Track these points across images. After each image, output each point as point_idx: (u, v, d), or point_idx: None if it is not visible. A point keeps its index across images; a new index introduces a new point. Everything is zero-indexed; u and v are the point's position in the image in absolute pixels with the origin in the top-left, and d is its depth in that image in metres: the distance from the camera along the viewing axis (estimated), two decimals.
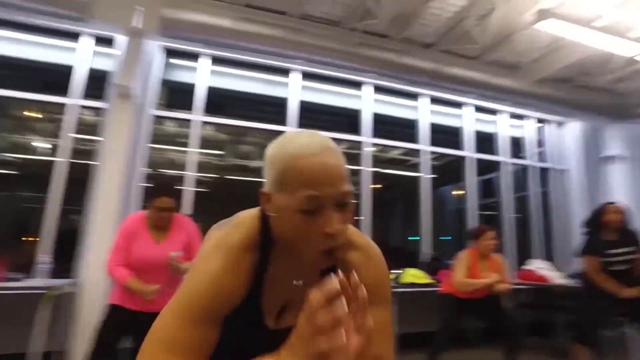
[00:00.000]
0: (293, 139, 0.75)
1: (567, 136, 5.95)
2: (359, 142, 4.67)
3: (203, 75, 4.13)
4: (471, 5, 3.77)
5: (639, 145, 5.91)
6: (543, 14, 3.20)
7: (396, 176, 5.67)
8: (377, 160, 4.96)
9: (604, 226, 3.01)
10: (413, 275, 3.67)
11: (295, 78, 4.48)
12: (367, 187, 4.56)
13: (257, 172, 5.49)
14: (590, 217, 3.15)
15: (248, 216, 0.82)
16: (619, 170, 5.76)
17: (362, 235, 0.88)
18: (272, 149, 0.78)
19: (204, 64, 4.15)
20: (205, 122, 4.10)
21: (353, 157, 4.87)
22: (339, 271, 0.61)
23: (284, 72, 4.48)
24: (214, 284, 0.74)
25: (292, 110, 4.40)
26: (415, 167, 5.05)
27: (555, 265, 4.88)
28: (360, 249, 0.84)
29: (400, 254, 5.08)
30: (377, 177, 4.78)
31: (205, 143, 4.38)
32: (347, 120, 4.89)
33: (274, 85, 4.53)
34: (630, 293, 2.85)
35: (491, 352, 3.74)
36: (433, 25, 4.13)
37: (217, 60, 4.22)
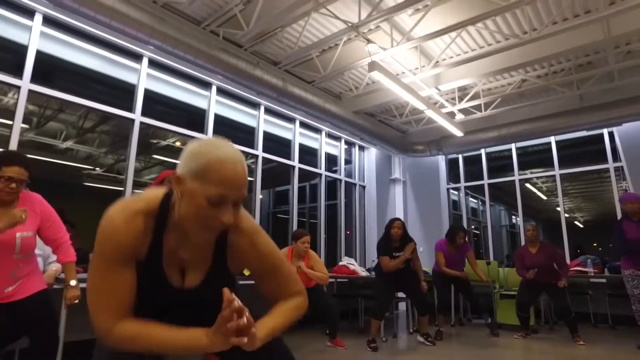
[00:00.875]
0: (220, 145, 0.95)
1: (367, 158, 7.53)
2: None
3: (33, 35, 3.61)
4: (321, 42, 4.56)
5: (412, 172, 7.98)
6: (372, 66, 4.21)
7: None
8: None
9: (391, 236, 4.16)
10: None
11: (144, 64, 4.37)
12: None
13: (63, 154, 5.00)
14: (385, 228, 4.28)
15: (153, 192, 1.04)
16: (400, 190, 7.68)
17: (248, 218, 1.11)
18: (200, 146, 0.96)
19: (37, 24, 3.63)
20: (30, 91, 3.58)
21: None
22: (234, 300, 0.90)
23: (134, 56, 4.33)
24: (119, 233, 0.96)
25: (138, 96, 4.28)
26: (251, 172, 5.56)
27: (358, 262, 6.19)
28: (245, 233, 1.09)
29: None
30: None
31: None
32: (187, 116, 5.01)
33: (119, 67, 4.31)
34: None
35: (314, 333, 4.54)
36: (286, 48, 4.75)
37: (57, 25, 3.77)
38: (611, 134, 6.18)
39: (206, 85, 5.03)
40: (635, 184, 5.67)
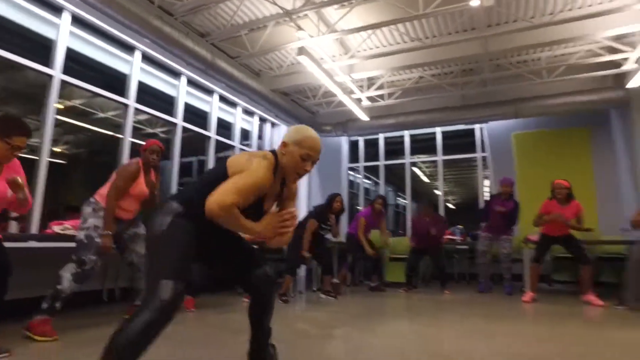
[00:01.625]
0: (309, 129, 1.75)
1: (278, 135, 8.05)
2: (126, 105, 4.90)
3: None
4: (252, 22, 4.92)
5: (325, 153, 8.70)
6: (301, 51, 4.74)
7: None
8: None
9: (332, 208, 4.84)
10: None
11: (65, 19, 4.25)
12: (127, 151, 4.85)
13: None
14: (328, 200, 4.96)
15: (269, 153, 1.69)
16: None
17: None
18: (299, 127, 1.75)
19: None
20: None
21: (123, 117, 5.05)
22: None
23: (54, 8, 4.19)
24: (262, 183, 1.58)
25: (57, 52, 4.17)
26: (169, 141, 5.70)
27: None
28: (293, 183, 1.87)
29: None
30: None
31: None
32: (106, 79, 4.98)
33: (38, 20, 4.14)
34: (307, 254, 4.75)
35: (228, 292, 5.00)
36: (218, 23, 5.01)
37: None
38: (481, 129, 7.65)
39: (130, 49, 5.02)
40: (495, 172, 7.19)
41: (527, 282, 4.80)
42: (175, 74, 5.74)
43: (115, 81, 4.96)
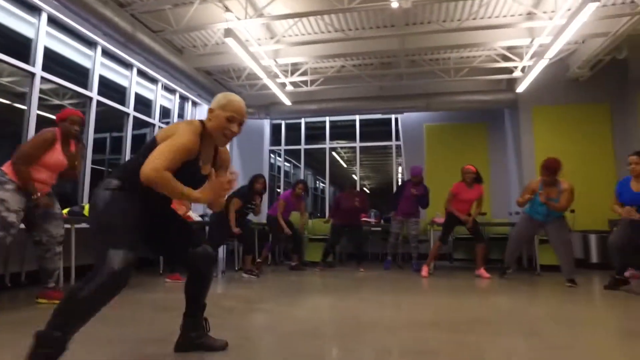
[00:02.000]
0: (234, 95, 1.83)
1: (199, 114, 7.91)
2: (32, 73, 4.53)
3: None
4: None
5: (247, 135, 8.72)
6: (228, 32, 4.74)
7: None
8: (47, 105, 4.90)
9: (253, 189, 4.97)
10: None
11: None
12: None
13: None
14: (251, 181, 5.11)
15: (196, 121, 1.78)
16: (227, 148, 8.34)
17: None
18: (225, 93, 1.84)
19: None
20: None
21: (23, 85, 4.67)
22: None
23: None
24: (188, 145, 1.65)
25: None
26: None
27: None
28: (225, 149, 1.98)
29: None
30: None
31: None
32: (8, 42, 4.56)
33: None
34: (238, 231, 4.93)
35: (152, 272, 4.94)
36: None
37: None
38: (396, 119, 8.26)
39: (34, 10, 4.61)
40: (407, 159, 7.85)
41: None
42: (90, 44, 5.40)
43: (16, 45, 4.55)
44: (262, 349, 2.03)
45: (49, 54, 4.80)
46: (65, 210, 4.11)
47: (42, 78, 4.65)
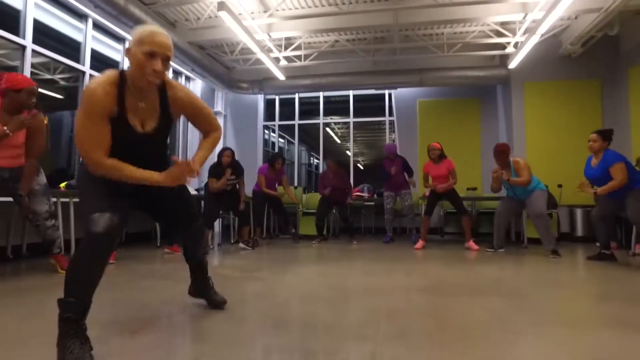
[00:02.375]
0: (150, 27, 1.54)
1: (192, 89, 7.89)
2: (23, 46, 4.51)
3: None
4: None
5: (233, 107, 8.74)
6: (222, 6, 4.72)
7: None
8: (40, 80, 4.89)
9: (221, 163, 5.06)
10: None
11: None
12: None
13: None
14: (217, 156, 5.15)
15: (111, 71, 1.54)
16: (220, 123, 8.35)
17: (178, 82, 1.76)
18: (139, 29, 1.54)
19: None
20: None
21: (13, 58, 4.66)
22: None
23: None
24: (97, 97, 1.44)
25: None
26: (73, 89, 5.36)
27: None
28: (180, 88, 1.74)
29: None
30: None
31: None
32: None
33: None
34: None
35: (149, 245, 5.05)
36: None
37: None
38: (390, 95, 8.29)
39: None
40: (400, 135, 7.93)
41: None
42: (80, 16, 5.35)
43: (5, 17, 4.51)
44: (257, 311, 2.16)
45: (38, 26, 4.76)
46: (63, 184, 4.19)
47: (33, 51, 4.63)
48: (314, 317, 2.04)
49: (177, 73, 7.59)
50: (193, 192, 6.02)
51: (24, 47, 4.53)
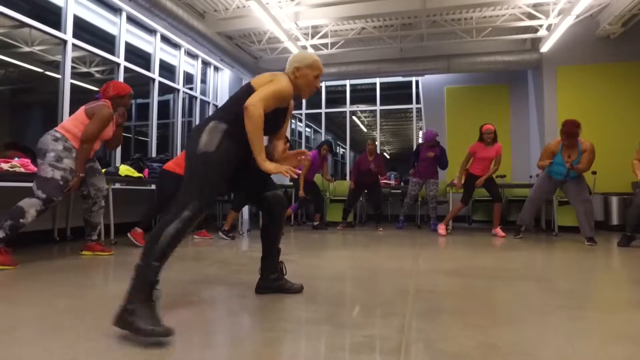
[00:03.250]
0: (313, 54, 2.06)
1: (221, 79, 8.04)
2: (64, 41, 4.72)
3: None
4: None
5: None
6: None
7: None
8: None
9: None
10: (127, 169, 4.52)
11: None
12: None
13: None
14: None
15: (286, 78, 1.94)
16: None
17: None
18: (305, 53, 2.04)
19: None
20: None
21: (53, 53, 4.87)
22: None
23: None
24: (286, 90, 1.87)
25: None
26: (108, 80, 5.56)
27: None
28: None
29: None
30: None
31: None
32: (35, 9, 4.72)
33: None
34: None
35: None
36: None
37: None
38: (417, 82, 8.20)
39: None
40: (427, 123, 7.85)
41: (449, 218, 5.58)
42: (115, 10, 5.53)
43: (46, 13, 4.72)
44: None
45: (77, 21, 4.96)
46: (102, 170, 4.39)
47: (73, 45, 4.83)
48: (343, 295, 2.11)
49: (205, 63, 7.74)
50: None
51: (65, 42, 4.73)
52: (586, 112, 6.50)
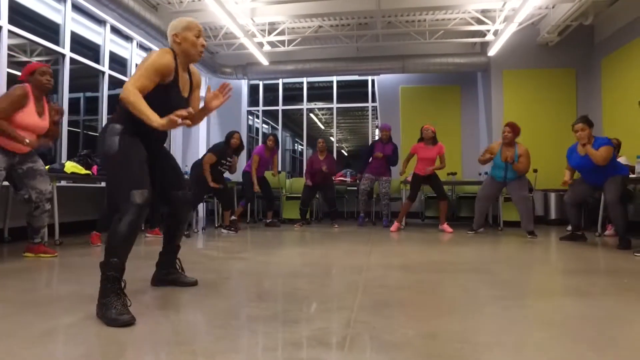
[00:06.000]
0: (187, 18, 2.02)
1: None
2: None
3: None
4: None
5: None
6: None
7: None
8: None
9: (231, 144, 5.09)
10: (74, 166, 4.31)
11: None
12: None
13: None
14: (226, 137, 5.21)
15: (167, 49, 1.95)
16: None
17: None
18: (179, 19, 2.00)
19: None
20: None
21: None
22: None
23: None
24: (165, 61, 1.84)
25: None
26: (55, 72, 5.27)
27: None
28: (196, 70, 2.14)
29: None
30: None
31: None
32: None
33: None
34: (215, 185, 5.06)
35: None
36: None
37: None
38: (373, 81, 8.37)
39: None
40: (382, 121, 8.03)
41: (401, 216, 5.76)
42: None
43: None
44: (241, 287, 2.26)
45: (14, 6, 4.66)
46: (46, 167, 4.17)
47: (9, 32, 4.54)
48: (295, 291, 2.15)
49: None
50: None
51: None
52: (528, 114, 6.91)
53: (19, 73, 3.19)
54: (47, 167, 4.16)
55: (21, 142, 2.91)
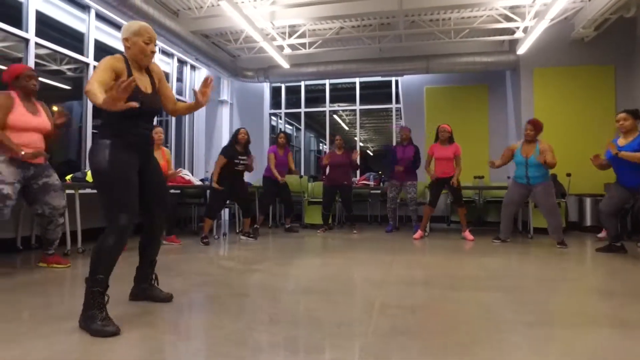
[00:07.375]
0: (137, 21, 2.05)
1: (198, 78, 7.91)
2: (26, 39, 4.56)
3: None
4: None
5: (239, 95, 8.76)
6: None
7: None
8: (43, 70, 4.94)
9: (237, 141, 5.04)
10: None
11: None
12: None
13: None
14: (232, 136, 5.14)
15: (116, 55, 1.97)
16: (227, 111, 8.42)
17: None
18: (129, 23, 2.03)
19: None
20: None
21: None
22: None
23: None
24: (108, 62, 1.87)
25: None
26: (79, 80, 5.41)
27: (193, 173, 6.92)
28: (157, 67, 2.20)
29: None
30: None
31: None
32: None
33: None
34: (218, 187, 5.02)
35: None
36: None
37: None
38: (397, 82, 8.21)
39: None
40: (407, 122, 7.87)
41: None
42: (83, 7, 5.36)
43: (7, 9, 4.54)
44: (252, 305, 2.21)
45: (41, 18, 4.79)
46: (68, 177, 4.26)
47: (37, 44, 4.67)
48: (308, 312, 2.09)
49: (181, 62, 7.60)
50: (198, 182, 6.08)
51: (27, 40, 4.57)
52: (560, 114, 6.61)
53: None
54: (69, 176, 4.27)
55: (17, 153, 2.88)
